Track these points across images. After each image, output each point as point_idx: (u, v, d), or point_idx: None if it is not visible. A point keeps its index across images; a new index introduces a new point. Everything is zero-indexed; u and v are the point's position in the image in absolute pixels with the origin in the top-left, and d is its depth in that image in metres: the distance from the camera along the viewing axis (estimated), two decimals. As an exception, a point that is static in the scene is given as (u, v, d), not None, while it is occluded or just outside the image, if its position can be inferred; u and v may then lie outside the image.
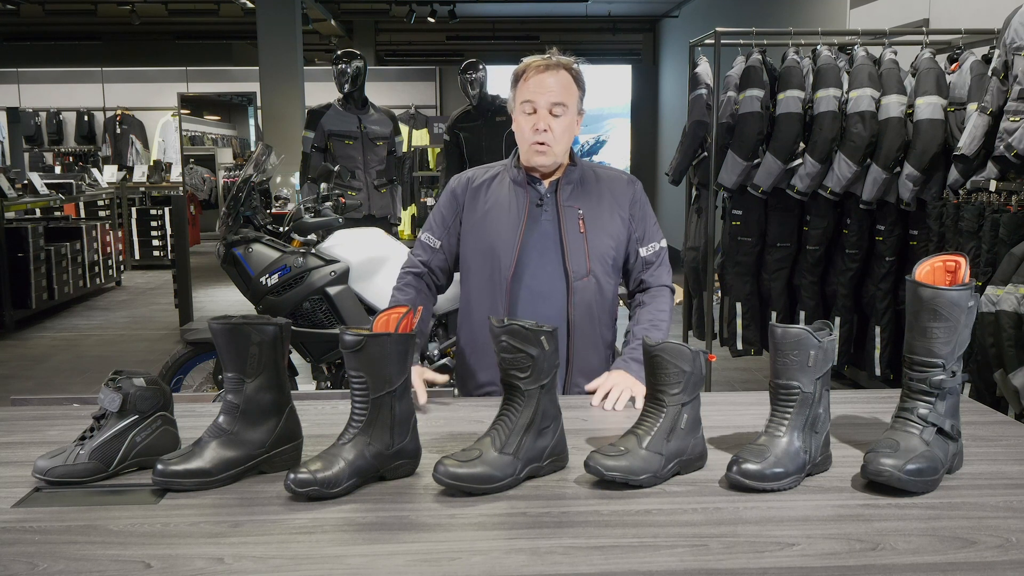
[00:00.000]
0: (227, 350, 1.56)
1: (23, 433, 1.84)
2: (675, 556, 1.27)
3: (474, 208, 2.22)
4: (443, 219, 2.27)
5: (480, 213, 2.21)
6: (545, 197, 2.19)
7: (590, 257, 2.18)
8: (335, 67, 5.66)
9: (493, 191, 2.22)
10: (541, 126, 2.11)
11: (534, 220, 2.18)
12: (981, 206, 3.52)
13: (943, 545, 1.31)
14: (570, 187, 2.20)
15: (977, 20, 4.28)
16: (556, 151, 2.15)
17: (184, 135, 12.87)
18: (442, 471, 1.47)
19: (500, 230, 2.18)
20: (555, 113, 2.12)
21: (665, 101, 13.41)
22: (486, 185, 2.24)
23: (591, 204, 2.20)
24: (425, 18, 12.39)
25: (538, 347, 1.53)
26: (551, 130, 2.11)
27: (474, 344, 2.26)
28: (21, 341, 6.77)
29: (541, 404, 1.56)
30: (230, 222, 3.88)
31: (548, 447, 1.58)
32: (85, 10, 12.41)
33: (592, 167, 2.28)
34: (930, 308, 1.53)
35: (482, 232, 2.20)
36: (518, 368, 1.54)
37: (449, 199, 2.27)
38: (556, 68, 2.13)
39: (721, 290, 4.85)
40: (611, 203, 2.22)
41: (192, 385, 3.80)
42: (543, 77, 2.12)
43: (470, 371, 2.29)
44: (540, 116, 2.11)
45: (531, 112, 2.13)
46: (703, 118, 4.56)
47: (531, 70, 2.13)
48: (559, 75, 2.13)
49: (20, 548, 1.30)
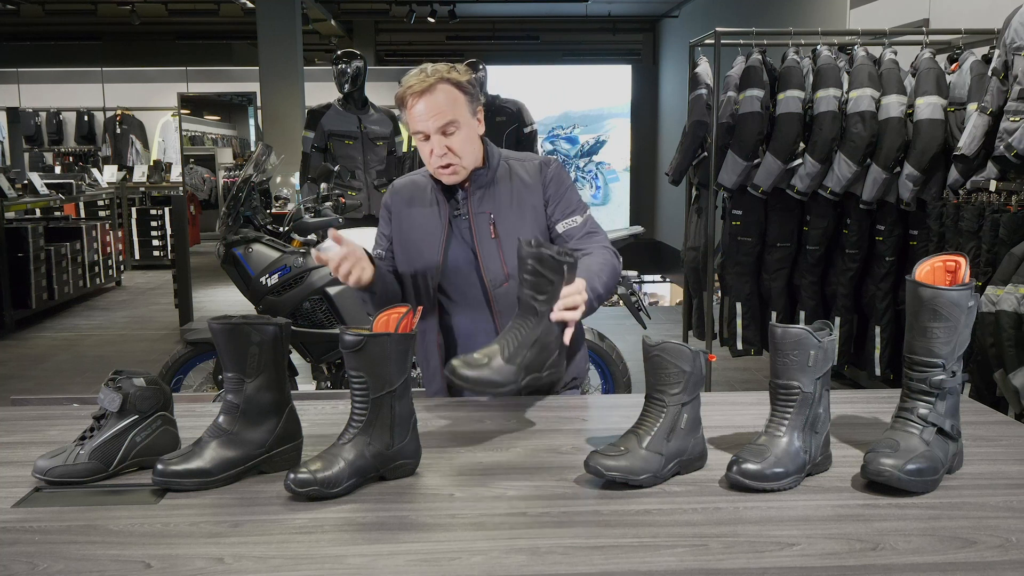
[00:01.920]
0: (227, 350, 1.56)
1: (23, 433, 1.84)
2: (675, 556, 1.27)
3: (400, 218, 2.20)
4: (383, 229, 2.26)
5: (406, 224, 2.19)
6: (462, 205, 2.15)
7: (506, 262, 2.12)
8: (335, 67, 5.66)
9: (417, 201, 2.19)
10: (439, 151, 2.04)
11: (454, 230, 2.15)
12: (981, 206, 3.52)
13: (943, 545, 1.31)
14: (480, 191, 2.14)
15: (977, 20, 4.28)
16: (464, 165, 2.09)
17: (184, 135, 12.87)
18: (450, 369, 1.61)
19: (423, 242, 2.16)
20: (448, 132, 2.04)
21: (665, 101, 13.42)
22: (410, 196, 2.20)
23: (503, 204, 2.14)
24: (425, 18, 12.39)
25: (560, 275, 1.69)
26: (450, 151, 2.05)
27: (423, 354, 2.24)
28: (21, 341, 6.77)
29: (550, 324, 1.71)
30: (230, 222, 3.88)
31: (549, 360, 1.71)
32: (85, 10, 12.41)
33: (508, 159, 2.20)
34: (930, 308, 1.53)
35: (408, 243, 2.18)
36: (539, 291, 1.68)
37: (384, 212, 2.25)
38: (432, 87, 2.02)
39: (721, 290, 4.85)
40: (524, 195, 2.14)
41: (192, 385, 3.80)
42: (421, 103, 2.02)
43: (427, 374, 2.27)
44: (435, 142, 2.04)
45: (424, 139, 2.06)
46: (703, 118, 4.56)
47: (409, 97, 2.04)
48: (436, 94, 2.02)
49: (20, 548, 1.30)
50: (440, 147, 2.04)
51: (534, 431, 1.86)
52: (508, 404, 2.07)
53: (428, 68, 2.06)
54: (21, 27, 14.32)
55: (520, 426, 1.89)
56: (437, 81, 2.03)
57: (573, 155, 13.70)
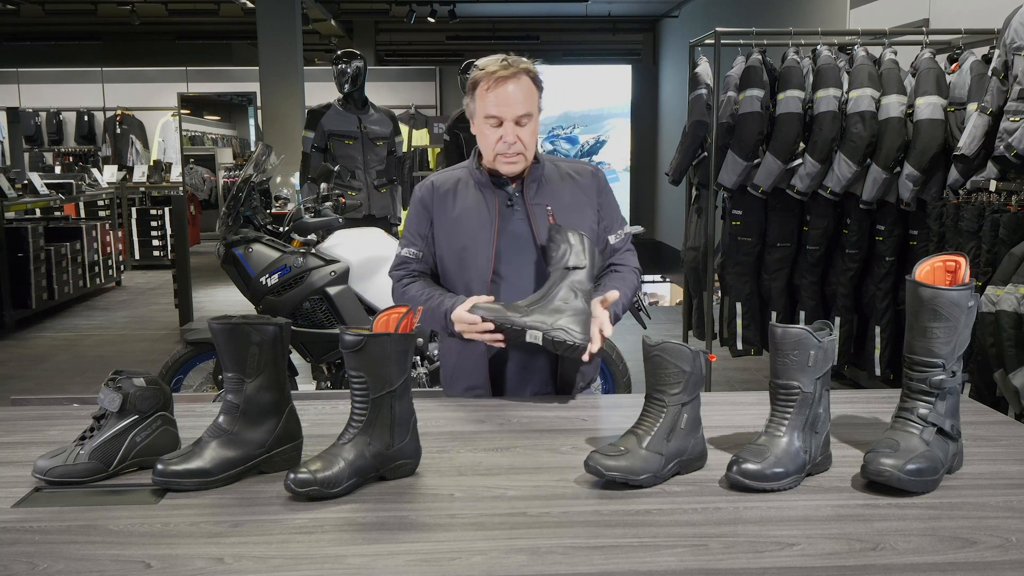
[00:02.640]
0: (227, 350, 1.56)
1: (23, 433, 1.84)
2: (675, 556, 1.27)
3: (444, 214, 2.19)
4: (417, 229, 2.23)
5: (451, 218, 2.18)
6: (514, 197, 2.17)
7: None
8: (335, 67, 5.66)
9: (460, 195, 2.19)
10: (510, 139, 2.07)
11: (506, 221, 2.15)
12: (981, 206, 3.52)
13: (943, 545, 1.31)
14: (536, 184, 2.17)
15: (977, 20, 4.28)
16: (527, 156, 2.13)
17: (184, 135, 12.87)
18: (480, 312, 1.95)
19: (474, 233, 2.15)
20: (522, 123, 2.08)
21: (665, 101, 13.41)
22: (452, 190, 2.20)
23: (558, 199, 2.17)
24: (425, 18, 12.39)
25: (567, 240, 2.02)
26: (520, 140, 2.08)
27: (459, 348, 2.21)
28: (21, 341, 6.77)
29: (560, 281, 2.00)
30: (230, 222, 3.88)
31: (565, 313, 1.96)
32: (85, 10, 12.41)
33: (554, 161, 2.25)
34: (930, 308, 1.53)
35: (455, 237, 2.17)
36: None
37: (418, 209, 2.23)
38: (516, 76, 2.05)
39: (721, 290, 4.85)
40: (578, 195, 2.20)
41: (192, 385, 3.80)
42: (506, 89, 2.05)
43: (457, 374, 2.24)
44: (507, 129, 2.07)
45: (497, 125, 2.08)
46: (703, 118, 4.56)
47: (491, 79, 2.05)
48: (520, 83, 2.06)
49: (20, 548, 1.30)
50: (512, 135, 2.07)
51: (534, 431, 1.86)
52: (508, 404, 2.07)
53: (510, 57, 2.09)
54: (21, 27, 14.32)
55: (520, 426, 1.89)
56: (522, 71, 2.07)
57: (573, 155, 13.69)
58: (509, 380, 2.18)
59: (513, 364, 2.17)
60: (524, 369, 2.17)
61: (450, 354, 2.25)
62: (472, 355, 2.17)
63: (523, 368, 2.17)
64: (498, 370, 2.19)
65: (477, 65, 2.11)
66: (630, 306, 2.24)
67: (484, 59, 2.12)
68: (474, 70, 2.11)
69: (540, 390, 2.18)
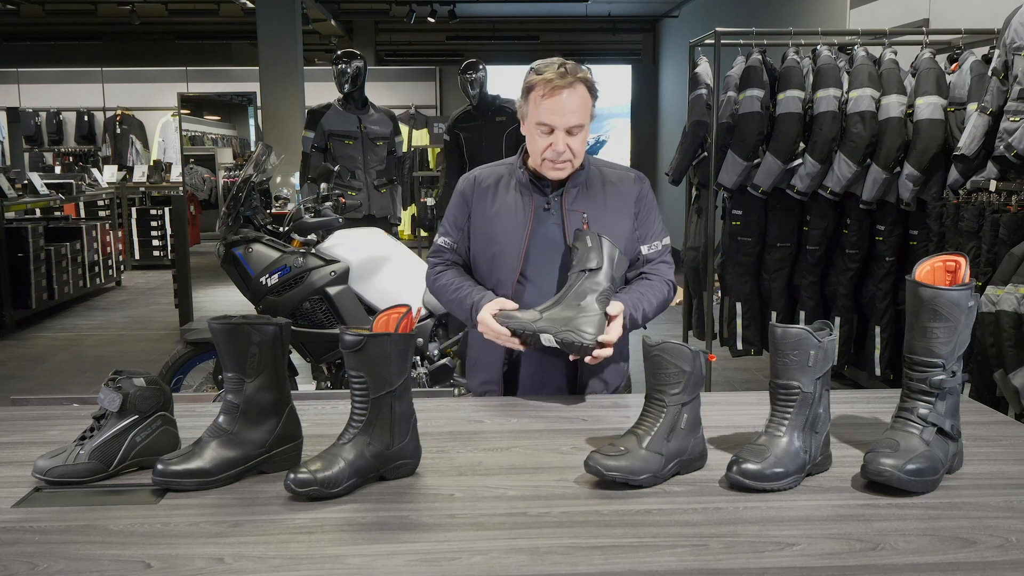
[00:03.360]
0: (227, 350, 1.56)
1: (23, 433, 1.84)
2: (675, 556, 1.27)
3: (482, 209, 2.21)
4: (455, 220, 2.26)
5: (488, 215, 2.20)
6: (552, 201, 2.18)
7: None
8: (335, 67, 5.65)
9: (500, 193, 2.20)
10: (560, 147, 2.07)
11: (540, 223, 2.16)
12: (981, 206, 3.52)
13: (943, 545, 1.31)
14: (576, 190, 2.18)
15: (977, 20, 4.28)
16: (575, 164, 2.14)
17: (184, 135, 12.86)
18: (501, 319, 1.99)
19: (507, 233, 2.17)
20: (573, 132, 2.07)
21: (665, 101, 13.41)
22: (493, 187, 2.22)
23: (596, 206, 2.18)
24: (425, 18, 12.39)
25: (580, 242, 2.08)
26: (569, 149, 2.08)
27: (482, 341, 2.23)
28: (21, 341, 6.77)
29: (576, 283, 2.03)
30: (230, 222, 3.88)
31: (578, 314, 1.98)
32: (85, 10, 12.41)
33: (600, 166, 2.25)
34: (930, 308, 1.53)
35: (489, 234, 2.19)
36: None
37: (459, 201, 2.25)
38: (573, 85, 2.04)
39: (721, 290, 4.85)
40: (617, 203, 2.20)
41: (192, 385, 3.80)
42: (561, 98, 2.04)
43: (476, 366, 2.28)
44: (557, 138, 2.06)
45: (548, 133, 2.07)
46: (703, 118, 4.56)
47: (547, 87, 2.04)
48: (576, 92, 2.05)
49: (20, 548, 1.30)
50: (561, 143, 2.07)
51: (534, 431, 1.86)
52: (508, 404, 2.07)
53: (568, 64, 2.08)
54: (21, 27, 14.31)
55: (520, 426, 1.89)
56: (579, 81, 2.06)
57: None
58: (525, 381, 2.20)
59: (531, 366, 2.19)
60: (541, 371, 2.18)
61: (474, 344, 2.28)
62: (492, 352, 2.19)
63: (540, 370, 2.18)
64: (515, 371, 2.21)
65: (534, 68, 2.10)
66: (654, 316, 2.22)
67: (541, 62, 2.11)
68: (530, 73, 2.10)
69: (556, 394, 2.18)
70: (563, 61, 2.09)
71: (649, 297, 2.17)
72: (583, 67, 2.11)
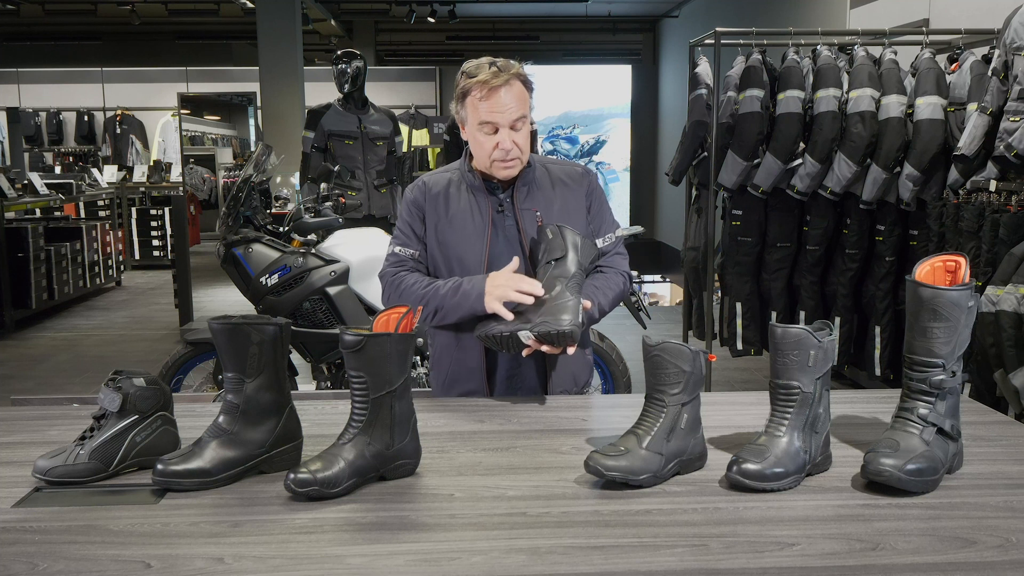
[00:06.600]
0: (227, 350, 1.56)
1: (23, 433, 1.84)
2: (675, 556, 1.27)
3: (436, 215, 2.18)
4: (410, 228, 2.22)
5: (443, 221, 2.17)
6: (504, 202, 2.17)
7: None
8: (335, 67, 5.66)
9: (452, 198, 2.18)
10: (507, 145, 2.06)
11: (498, 227, 2.15)
12: (981, 206, 3.52)
13: (943, 545, 1.31)
14: (526, 188, 2.17)
15: (977, 20, 4.28)
16: (523, 160, 2.13)
17: (184, 135, 12.87)
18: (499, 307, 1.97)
19: (466, 238, 2.15)
20: (517, 127, 2.07)
21: (665, 101, 13.42)
22: (444, 192, 2.19)
23: (547, 203, 2.17)
24: (425, 18, 12.39)
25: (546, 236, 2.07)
26: (516, 146, 2.08)
27: (452, 350, 2.20)
28: (21, 341, 6.77)
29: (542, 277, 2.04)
30: (230, 222, 3.88)
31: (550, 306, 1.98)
32: (85, 10, 12.41)
33: (544, 163, 2.24)
34: (930, 308, 1.53)
35: (448, 241, 2.16)
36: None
37: (411, 209, 2.21)
38: (509, 82, 2.04)
39: (721, 290, 4.85)
40: (567, 198, 2.19)
41: (192, 385, 3.80)
42: (499, 96, 2.03)
43: (456, 379, 2.22)
44: (503, 136, 2.06)
45: (492, 132, 2.07)
46: (703, 118, 4.56)
47: (484, 88, 2.04)
48: (512, 88, 2.05)
49: (20, 548, 1.30)
50: (508, 141, 2.07)
51: (534, 431, 1.86)
52: (508, 404, 2.07)
53: (499, 62, 2.08)
54: (21, 27, 14.32)
55: (520, 426, 1.89)
56: (513, 77, 2.06)
57: (573, 155, 13.69)
58: (500, 384, 2.18)
59: (502, 372, 2.17)
60: (511, 379, 2.16)
61: (445, 357, 2.23)
62: (467, 364, 2.17)
63: (510, 378, 2.17)
64: (491, 375, 2.18)
65: (465, 72, 2.09)
66: (611, 308, 2.21)
67: (471, 64, 2.10)
68: (462, 77, 2.09)
69: (530, 394, 2.16)
70: (493, 60, 2.08)
71: (604, 290, 2.16)
72: (513, 62, 2.10)
